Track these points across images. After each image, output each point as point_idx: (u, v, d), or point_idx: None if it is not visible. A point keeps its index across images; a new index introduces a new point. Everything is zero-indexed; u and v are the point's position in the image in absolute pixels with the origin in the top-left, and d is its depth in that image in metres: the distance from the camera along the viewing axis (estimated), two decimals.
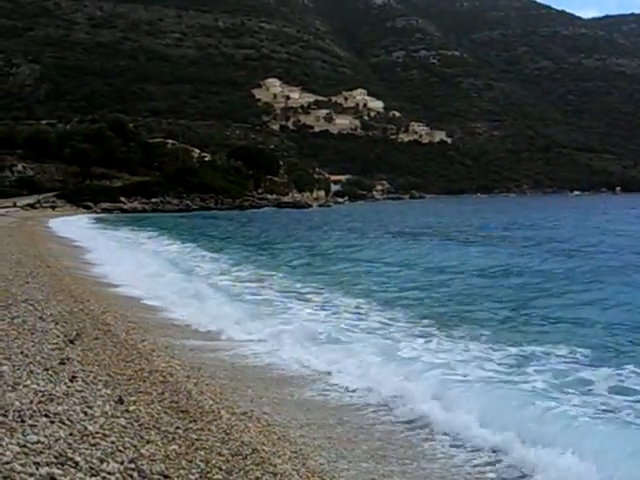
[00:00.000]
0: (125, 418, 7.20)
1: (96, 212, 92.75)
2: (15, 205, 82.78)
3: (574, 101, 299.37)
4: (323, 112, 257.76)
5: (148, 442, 6.65)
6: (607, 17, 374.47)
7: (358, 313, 16.37)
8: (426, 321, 15.20)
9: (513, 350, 12.27)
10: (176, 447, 6.73)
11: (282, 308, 17.07)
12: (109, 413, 7.23)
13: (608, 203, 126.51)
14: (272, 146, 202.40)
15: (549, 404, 8.88)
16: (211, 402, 8.83)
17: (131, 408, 7.64)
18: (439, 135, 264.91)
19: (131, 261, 27.81)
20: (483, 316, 15.90)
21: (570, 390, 9.84)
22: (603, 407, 9.09)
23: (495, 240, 41.92)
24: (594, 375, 10.55)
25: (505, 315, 16.20)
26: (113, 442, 6.35)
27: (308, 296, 19.15)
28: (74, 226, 55.49)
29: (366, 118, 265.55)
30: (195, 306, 17.07)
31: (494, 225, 59.83)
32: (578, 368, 11.00)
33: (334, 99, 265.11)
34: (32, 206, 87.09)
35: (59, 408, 6.91)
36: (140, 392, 8.57)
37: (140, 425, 7.13)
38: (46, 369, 8.53)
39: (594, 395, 9.66)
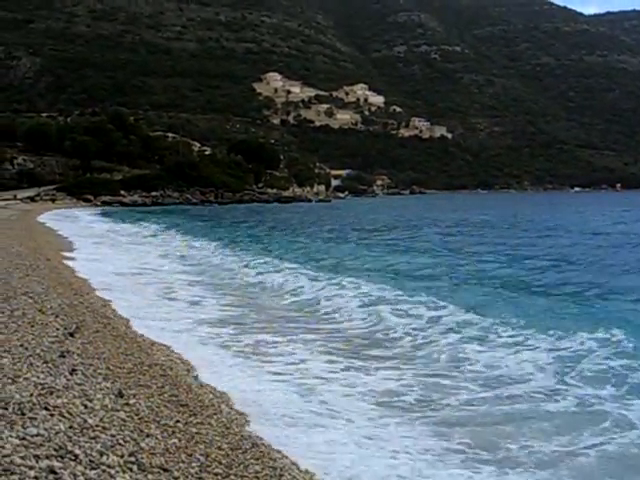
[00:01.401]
0: (125, 411, 7.20)
1: (96, 205, 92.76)
2: (15, 198, 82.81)
3: (575, 97, 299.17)
4: (324, 107, 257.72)
5: (148, 435, 6.65)
6: (609, 13, 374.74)
7: None
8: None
9: None
10: (176, 441, 6.72)
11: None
12: (109, 406, 7.22)
13: (600, 201, 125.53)
14: (272, 140, 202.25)
15: None
16: (211, 396, 8.83)
17: (131, 401, 7.64)
18: (440, 130, 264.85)
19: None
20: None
21: None
22: None
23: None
24: None
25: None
26: (113, 435, 6.35)
27: None
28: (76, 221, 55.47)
29: (367, 113, 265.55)
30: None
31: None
32: None
33: (335, 94, 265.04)
34: (32, 199, 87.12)
35: (59, 401, 6.91)
36: (140, 385, 8.56)
37: (140, 418, 7.12)
38: (46, 362, 8.52)
39: None
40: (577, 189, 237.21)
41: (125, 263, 25.37)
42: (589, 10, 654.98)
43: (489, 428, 8.30)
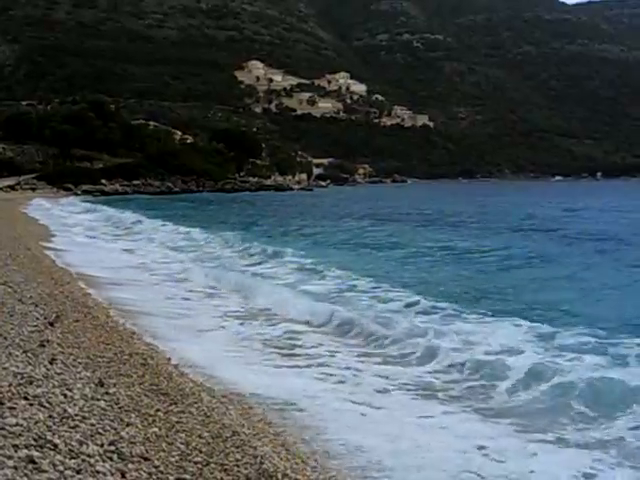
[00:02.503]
0: (105, 401, 7.18)
1: (76, 194, 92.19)
2: None
3: (557, 86, 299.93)
4: (306, 95, 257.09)
5: (128, 424, 6.64)
6: (590, 3, 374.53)
7: None
8: None
9: None
10: (156, 429, 6.72)
11: None
12: (89, 395, 7.21)
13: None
14: (254, 129, 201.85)
15: None
16: (192, 385, 8.83)
17: (111, 390, 7.62)
18: (422, 119, 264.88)
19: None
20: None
21: None
22: None
23: None
24: None
25: None
26: (93, 424, 6.34)
27: None
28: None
29: (349, 101, 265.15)
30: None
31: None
32: None
33: (317, 82, 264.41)
34: (12, 188, 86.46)
35: (38, 390, 6.88)
36: (120, 375, 8.55)
37: (120, 408, 7.11)
38: (25, 351, 8.48)
39: None
40: (558, 178, 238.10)
41: (105, 253, 25.30)
42: None
43: None
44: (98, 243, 29.45)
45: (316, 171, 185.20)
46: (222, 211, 60.53)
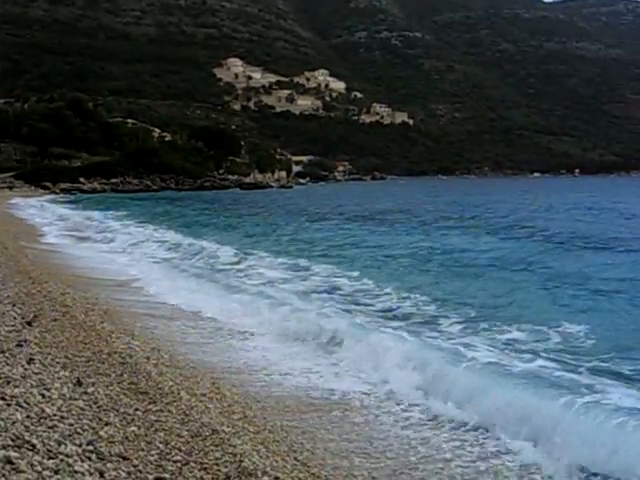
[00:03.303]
0: (83, 400, 7.17)
1: (55, 192, 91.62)
2: None
3: (535, 84, 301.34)
4: (285, 92, 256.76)
5: (107, 424, 6.63)
6: (568, 0, 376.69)
7: None
8: None
9: None
10: (135, 429, 6.71)
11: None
12: (67, 395, 7.19)
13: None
14: (233, 126, 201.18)
15: None
16: (171, 383, 8.81)
17: (89, 390, 7.60)
18: (401, 116, 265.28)
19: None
20: None
21: None
22: None
23: None
24: None
25: None
26: (71, 424, 6.32)
27: None
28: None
29: (328, 99, 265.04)
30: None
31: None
32: None
33: (296, 79, 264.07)
34: None
35: (16, 390, 6.85)
36: (99, 374, 8.53)
37: (99, 407, 7.10)
38: (2, 351, 8.45)
39: None
40: (536, 174, 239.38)
41: (85, 252, 25.19)
42: None
43: None
44: (75, 242, 29.28)
45: (295, 168, 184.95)
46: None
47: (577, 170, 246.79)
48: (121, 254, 24.81)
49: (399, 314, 13.92)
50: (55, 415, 6.44)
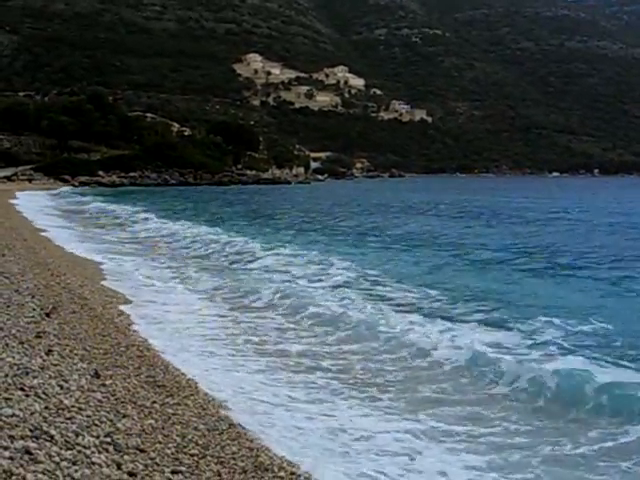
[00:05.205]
0: (101, 392, 7.18)
1: (74, 185, 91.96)
2: None
3: (555, 83, 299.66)
4: (304, 89, 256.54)
5: (124, 416, 6.64)
6: None
7: None
8: None
9: None
10: (152, 421, 6.73)
11: None
12: (85, 387, 7.20)
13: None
14: (252, 122, 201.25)
15: None
16: (188, 377, 8.82)
17: (107, 382, 7.62)
18: (420, 114, 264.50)
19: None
20: None
21: None
22: None
23: None
24: None
25: None
26: (89, 416, 6.34)
27: None
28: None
29: (347, 95, 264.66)
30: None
31: None
32: None
33: (315, 76, 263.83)
34: (9, 179, 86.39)
35: (35, 382, 6.87)
36: (116, 366, 8.54)
37: (116, 399, 7.12)
38: (22, 342, 8.48)
39: None
40: (555, 174, 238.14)
41: (98, 245, 25.26)
42: None
43: None
44: (93, 236, 29.39)
45: (314, 165, 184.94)
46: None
47: (596, 170, 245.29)
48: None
49: None
50: (73, 406, 6.46)
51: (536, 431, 7.82)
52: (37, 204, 49.21)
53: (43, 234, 26.17)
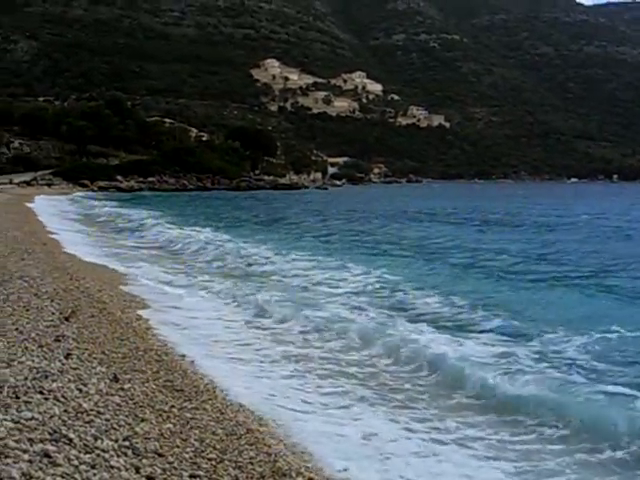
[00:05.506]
0: (120, 396, 7.20)
1: (92, 190, 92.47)
2: (11, 182, 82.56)
3: (574, 88, 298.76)
4: (322, 94, 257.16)
5: (143, 420, 6.65)
6: (609, 4, 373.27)
7: None
8: None
9: None
10: (170, 426, 6.73)
11: None
12: (104, 391, 7.22)
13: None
14: (270, 127, 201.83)
15: None
16: (206, 381, 8.83)
17: (126, 386, 7.64)
18: (437, 119, 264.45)
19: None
20: None
21: None
22: None
23: None
24: None
25: None
26: (107, 420, 6.35)
27: None
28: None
29: (365, 101, 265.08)
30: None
31: None
32: None
33: (333, 81, 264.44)
34: (28, 183, 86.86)
35: (54, 385, 6.90)
36: (135, 370, 8.56)
37: (135, 403, 7.13)
38: (41, 346, 8.52)
39: None
40: (574, 180, 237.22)
41: (116, 250, 25.37)
42: (589, 0, 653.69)
43: None
44: (113, 241, 29.52)
45: (331, 170, 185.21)
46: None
47: (615, 176, 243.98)
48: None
49: None
50: (92, 410, 6.48)
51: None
52: (56, 208, 49.51)
53: (61, 238, 26.28)
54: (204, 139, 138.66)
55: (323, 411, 8.43)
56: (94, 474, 5.16)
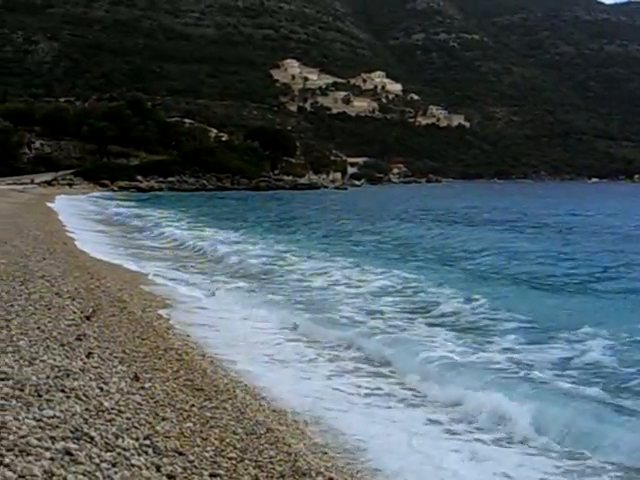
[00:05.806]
0: (140, 395, 7.24)
1: (113, 190, 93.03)
2: (33, 182, 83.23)
3: (595, 87, 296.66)
4: (341, 94, 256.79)
5: (163, 419, 6.68)
6: (630, 3, 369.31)
7: None
8: None
9: None
10: (191, 425, 6.75)
11: None
12: (125, 389, 7.26)
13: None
14: (289, 127, 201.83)
15: None
16: (226, 381, 8.86)
17: (146, 385, 7.67)
18: (457, 119, 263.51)
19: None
20: None
21: None
22: None
23: None
24: None
25: None
26: (128, 418, 6.38)
27: None
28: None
29: (384, 101, 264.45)
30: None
31: None
32: None
33: (352, 81, 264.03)
34: (49, 183, 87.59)
35: (75, 384, 6.94)
36: (155, 369, 8.60)
37: (155, 402, 7.16)
38: (62, 345, 8.57)
39: None
40: (594, 180, 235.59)
41: (135, 250, 25.47)
42: None
43: None
44: (129, 240, 29.66)
45: (350, 170, 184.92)
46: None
47: (636, 176, 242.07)
48: None
49: None
50: (113, 409, 6.51)
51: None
52: (76, 208, 49.83)
53: (81, 237, 26.44)
54: (224, 139, 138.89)
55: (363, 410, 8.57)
56: (115, 472, 5.18)
